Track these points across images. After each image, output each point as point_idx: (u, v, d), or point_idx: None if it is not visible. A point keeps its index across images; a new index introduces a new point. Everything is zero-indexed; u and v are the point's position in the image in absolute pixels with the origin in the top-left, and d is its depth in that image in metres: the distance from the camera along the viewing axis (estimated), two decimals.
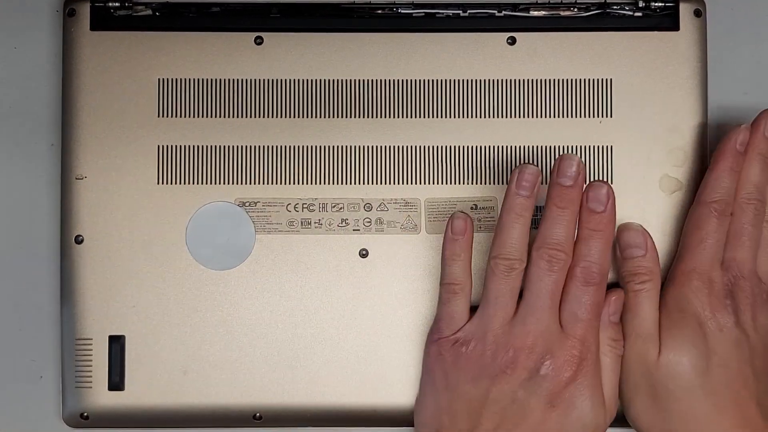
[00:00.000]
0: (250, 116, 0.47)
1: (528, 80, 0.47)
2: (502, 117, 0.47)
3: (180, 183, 0.47)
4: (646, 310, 0.43)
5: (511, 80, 0.47)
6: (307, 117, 0.47)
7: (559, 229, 0.42)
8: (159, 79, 0.47)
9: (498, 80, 0.47)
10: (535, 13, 0.47)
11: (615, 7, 0.47)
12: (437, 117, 0.47)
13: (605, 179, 0.46)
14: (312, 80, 0.47)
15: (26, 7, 0.50)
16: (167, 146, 0.47)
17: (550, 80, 0.47)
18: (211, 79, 0.47)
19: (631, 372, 0.43)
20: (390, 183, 0.47)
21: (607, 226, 0.42)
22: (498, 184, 0.46)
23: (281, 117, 0.47)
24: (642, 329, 0.43)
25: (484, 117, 0.47)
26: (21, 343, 0.48)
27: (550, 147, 0.47)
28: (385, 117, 0.47)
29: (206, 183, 0.47)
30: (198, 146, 0.47)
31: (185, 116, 0.47)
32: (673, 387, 0.42)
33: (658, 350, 0.43)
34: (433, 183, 0.47)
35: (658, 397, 0.43)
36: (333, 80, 0.47)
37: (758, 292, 0.44)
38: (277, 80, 0.47)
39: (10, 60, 0.49)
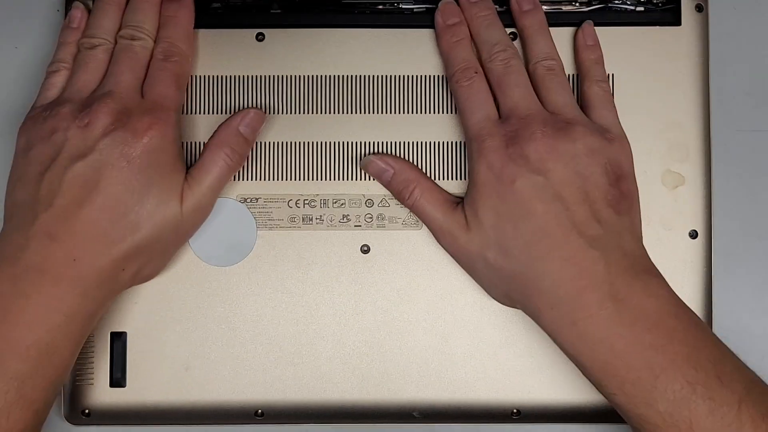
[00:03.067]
0: None
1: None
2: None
3: None
4: (429, 211, 0.44)
5: None
6: (308, 113, 0.47)
7: (140, 14, 0.44)
8: None
9: None
10: None
11: (616, 1, 0.47)
12: (439, 113, 0.47)
13: None
14: (313, 76, 0.47)
15: (27, 7, 0.50)
16: None
17: None
18: (213, 76, 0.47)
19: (460, 261, 0.44)
20: None
21: (182, 12, 0.45)
22: None
23: (283, 113, 0.47)
24: (439, 227, 0.44)
25: None
26: None
27: None
28: (387, 113, 0.47)
29: None
30: (199, 143, 0.47)
31: (187, 113, 0.47)
32: (492, 257, 0.41)
33: (465, 231, 0.42)
34: (434, 178, 0.46)
35: (489, 272, 0.42)
36: (334, 76, 0.47)
37: (551, 122, 0.42)
38: (278, 76, 0.47)
39: (11, 60, 0.50)
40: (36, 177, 0.41)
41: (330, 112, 0.47)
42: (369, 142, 0.47)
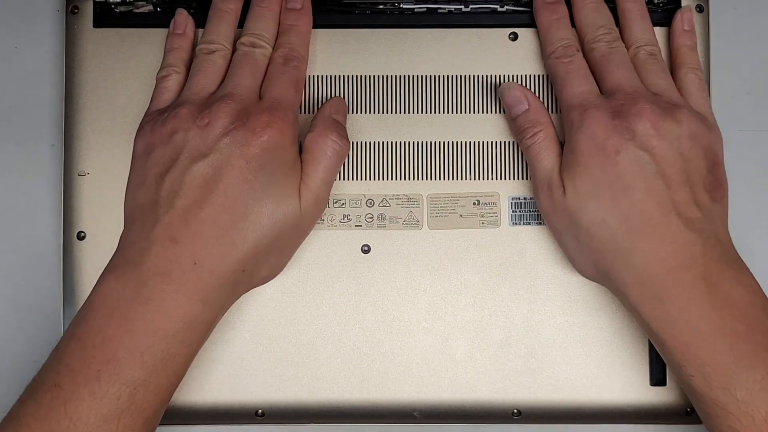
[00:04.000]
0: None
1: (530, 76, 0.47)
2: (505, 113, 0.47)
3: None
4: (543, 158, 0.43)
5: (513, 76, 0.47)
6: (310, 113, 0.47)
7: (261, 23, 0.45)
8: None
9: (500, 76, 0.47)
10: None
11: None
12: (439, 112, 0.47)
13: None
14: (314, 76, 0.47)
15: (26, 7, 0.50)
16: None
17: None
18: None
19: (551, 221, 0.44)
20: (392, 178, 0.47)
21: (303, 20, 0.45)
22: (500, 179, 0.46)
23: None
24: (543, 177, 0.43)
25: (487, 112, 0.47)
26: (23, 340, 0.48)
27: None
28: (388, 113, 0.47)
29: None
30: None
31: None
32: (585, 224, 0.41)
33: (562, 192, 0.42)
34: (436, 179, 0.47)
35: (579, 239, 0.42)
36: (335, 76, 0.47)
37: (657, 101, 0.42)
38: None
39: (11, 59, 0.50)
40: (156, 179, 0.41)
41: None
42: (369, 142, 0.47)
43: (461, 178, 0.47)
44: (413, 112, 0.47)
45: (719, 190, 0.42)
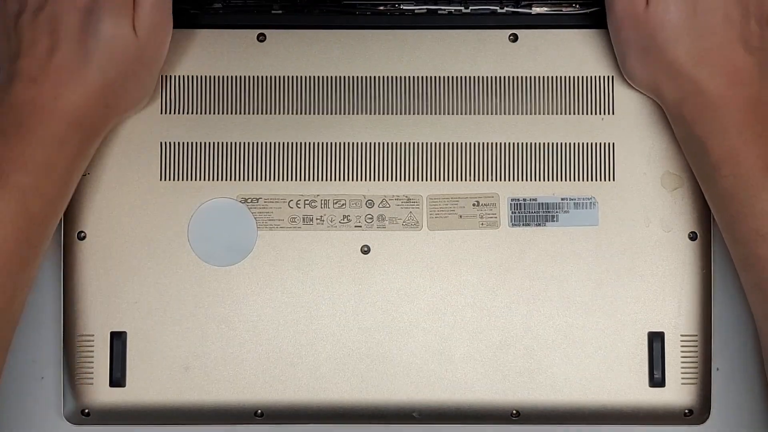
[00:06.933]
0: (253, 113, 0.47)
1: (530, 77, 0.47)
2: (504, 114, 0.47)
3: (183, 179, 0.47)
4: None
5: (512, 77, 0.47)
6: (309, 114, 0.47)
7: None
8: (162, 76, 0.47)
9: (500, 77, 0.47)
10: (537, 10, 0.47)
11: None
12: (439, 114, 0.47)
13: (607, 176, 0.47)
14: (314, 77, 0.47)
15: None
16: (170, 143, 0.47)
17: (551, 77, 0.47)
18: (214, 76, 0.47)
19: (622, 27, 0.44)
20: (392, 179, 0.47)
21: None
22: (500, 180, 0.47)
23: (283, 114, 0.47)
24: None
25: (486, 114, 0.47)
26: (22, 340, 0.48)
27: (552, 144, 0.47)
28: (387, 114, 0.47)
29: (209, 179, 0.47)
30: (201, 143, 0.47)
31: (188, 113, 0.47)
32: (661, 36, 0.43)
33: (645, 5, 0.43)
34: (435, 179, 0.47)
35: (648, 50, 0.44)
36: (335, 77, 0.47)
37: None
38: (279, 77, 0.47)
39: None
40: (11, 26, 0.43)
41: (330, 113, 0.47)
42: (369, 143, 0.47)
43: (461, 180, 0.47)
44: (413, 114, 0.47)
45: None
